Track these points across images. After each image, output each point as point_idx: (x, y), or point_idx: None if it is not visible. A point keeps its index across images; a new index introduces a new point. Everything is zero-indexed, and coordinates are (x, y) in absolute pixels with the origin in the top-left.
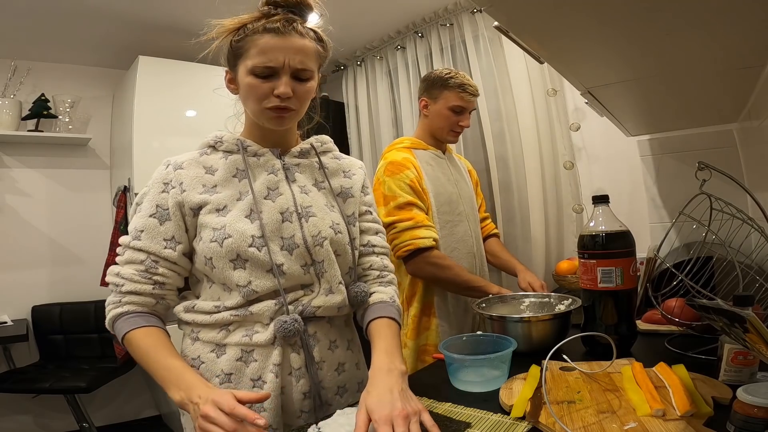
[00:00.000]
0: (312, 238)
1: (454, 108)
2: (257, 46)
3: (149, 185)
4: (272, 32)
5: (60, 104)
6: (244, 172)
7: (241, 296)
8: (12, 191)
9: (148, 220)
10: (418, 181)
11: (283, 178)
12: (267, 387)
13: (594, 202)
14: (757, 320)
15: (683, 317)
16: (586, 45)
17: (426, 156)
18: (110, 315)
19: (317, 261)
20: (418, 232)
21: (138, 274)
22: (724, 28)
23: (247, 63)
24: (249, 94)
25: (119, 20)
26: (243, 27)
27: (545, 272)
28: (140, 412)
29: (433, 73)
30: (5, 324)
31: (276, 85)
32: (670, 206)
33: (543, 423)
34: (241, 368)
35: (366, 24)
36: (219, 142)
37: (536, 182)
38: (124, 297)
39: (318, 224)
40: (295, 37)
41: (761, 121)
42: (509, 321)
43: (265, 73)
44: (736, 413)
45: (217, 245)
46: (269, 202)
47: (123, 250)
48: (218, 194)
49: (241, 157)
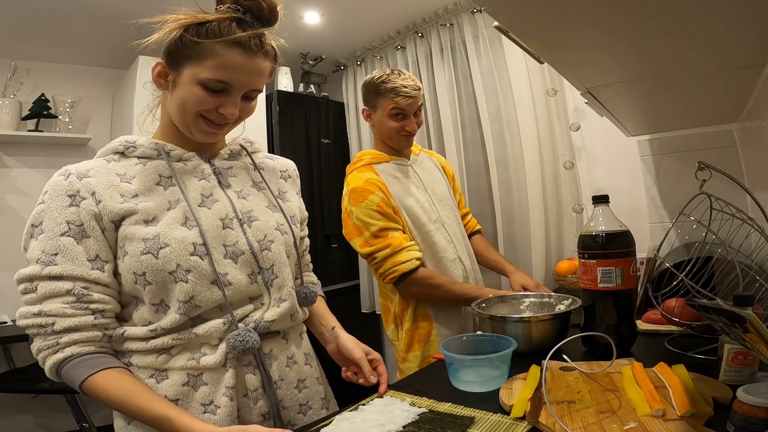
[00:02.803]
0: (258, 243)
1: (392, 114)
2: (219, 57)
3: (45, 201)
4: (241, 47)
5: (60, 104)
6: (169, 179)
7: (180, 313)
8: (12, 191)
9: (60, 240)
10: (386, 202)
11: (216, 184)
12: (221, 411)
13: (594, 202)
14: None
15: (683, 317)
16: (586, 45)
17: (389, 168)
18: (49, 363)
19: (264, 268)
20: (398, 257)
21: (69, 307)
22: (724, 28)
23: (199, 71)
24: (191, 103)
25: (119, 20)
26: (204, 25)
27: (545, 272)
28: None
29: (366, 80)
30: (5, 324)
31: (223, 103)
32: (670, 206)
33: (543, 423)
34: (189, 393)
35: (366, 24)
36: (131, 147)
37: (536, 182)
38: (61, 337)
39: (262, 228)
40: (260, 59)
41: (761, 121)
42: (509, 321)
43: (218, 88)
44: (736, 413)
45: (151, 257)
46: (204, 209)
47: (32, 285)
48: (144, 204)
49: (165, 163)
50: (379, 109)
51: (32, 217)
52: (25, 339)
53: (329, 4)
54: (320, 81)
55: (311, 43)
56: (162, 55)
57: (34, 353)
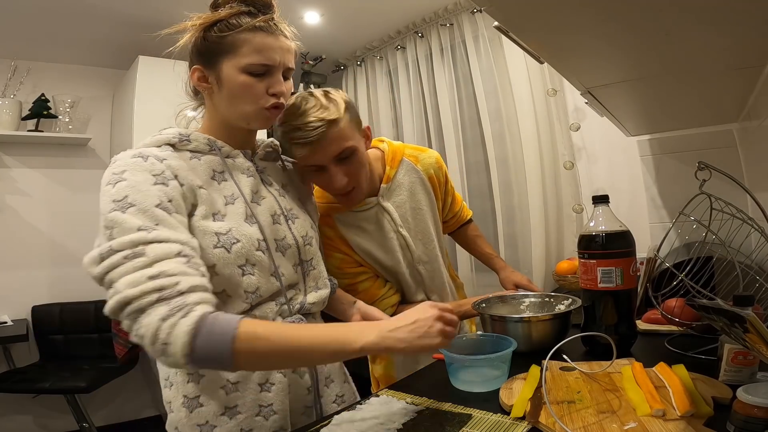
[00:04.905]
0: (302, 239)
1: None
2: (250, 43)
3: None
4: (263, 31)
5: (60, 104)
6: (221, 174)
7: (247, 303)
8: (12, 191)
9: (156, 210)
10: (348, 262)
11: (260, 181)
12: (275, 388)
13: (594, 202)
14: (757, 320)
15: (683, 317)
16: (586, 45)
17: (350, 219)
18: (181, 330)
19: (305, 260)
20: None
21: (185, 266)
22: (724, 28)
23: (237, 60)
24: (243, 93)
25: (119, 20)
26: (222, 22)
27: (545, 272)
28: (140, 412)
29: None
30: (5, 324)
31: (270, 83)
32: (670, 206)
33: (543, 423)
34: (247, 375)
35: (366, 24)
36: (185, 140)
37: (536, 182)
38: (188, 297)
39: (303, 225)
40: (282, 38)
41: (761, 121)
42: (509, 321)
43: (261, 71)
44: (736, 413)
45: (224, 251)
46: (256, 205)
47: (139, 249)
48: (207, 196)
49: (218, 159)
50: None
51: (114, 194)
52: (25, 339)
53: (329, 4)
54: (320, 81)
55: (311, 43)
56: (194, 60)
57: (148, 333)
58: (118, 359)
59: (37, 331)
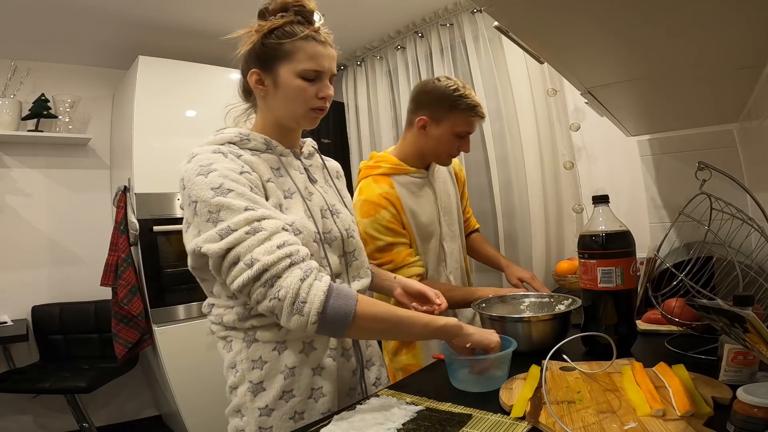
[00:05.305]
0: (345, 232)
1: (460, 133)
2: (305, 51)
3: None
4: (315, 40)
5: (60, 104)
6: (278, 171)
7: None
8: (12, 191)
9: (251, 193)
10: (396, 219)
11: (307, 178)
12: (325, 372)
13: (594, 202)
14: (757, 320)
15: (683, 317)
16: (586, 45)
17: (407, 182)
18: (319, 288)
19: (348, 252)
20: (402, 272)
21: (294, 237)
22: (724, 28)
23: (294, 66)
24: (296, 95)
25: (119, 20)
26: (279, 29)
27: (545, 272)
28: (140, 412)
29: (436, 86)
30: (5, 324)
31: (320, 88)
32: (670, 206)
33: (543, 423)
34: (303, 360)
35: (366, 24)
36: (245, 139)
37: (536, 182)
38: (312, 263)
39: (346, 219)
40: (329, 47)
41: (761, 121)
42: (509, 321)
43: (313, 76)
44: (736, 413)
45: None
46: (307, 200)
47: (257, 224)
48: (274, 190)
49: (274, 157)
50: (447, 123)
51: (210, 183)
52: (25, 339)
53: (329, 4)
54: None
55: None
56: (252, 64)
57: (289, 293)
58: (118, 359)
59: (37, 331)
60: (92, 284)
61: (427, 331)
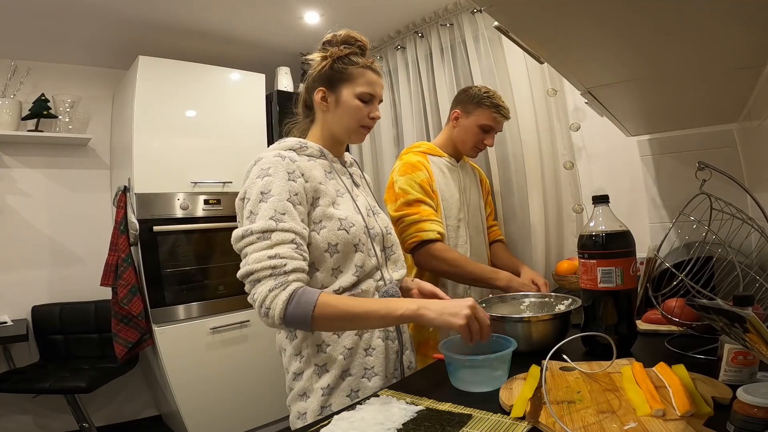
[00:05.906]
0: (385, 229)
1: (483, 126)
2: (365, 77)
3: (271, 174)
4: (372, 70)
5: (60, 104)
6: (330, 174)
7: (355, 276)
8: (12, 191)
9: (286, 203)
10: (429, 182)
11: (352, 183)
12: (376, 353)
13: (594, 202)
14: (757, 320)
15: (683, 317)
16: (586, 45)
17: (440, 163)
18: (280, 300)
19: (387, 247)
20: (424, 225)
21: (294, 252)
22: (724, 28)
23: (355, 89)
24: (353, 113)
25: (119, 20)
26: (346, 57)
27: (545, 272)
28: (140, 412)
29: (472, 89)
30: (5, 324)
31: (371, 110)
32: (670, 206)
33: (543, 423)
34: (357, 341)
35: (366, 24)
36: (304, 146)
37: (536, 182)
38: (290, 276)
39: (384, 219)
40: (381, 76)
41: (761, 121)
42: (509, 321)
43: (368, 99)
44: (736, 413)
45: (344, 233)
46: (355, 199)
47: (267, 234)
48: (325, 189)
49: (327, 163)
50: (473, 116)
51: (261, 186)
52: (25, 339)
53: (329, 4)
54: None
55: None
56: (318, 83)
57: (258, 298)
58: (118, 359)
59: (37, 331)
60: (92, 284)
61: (385, 322)
